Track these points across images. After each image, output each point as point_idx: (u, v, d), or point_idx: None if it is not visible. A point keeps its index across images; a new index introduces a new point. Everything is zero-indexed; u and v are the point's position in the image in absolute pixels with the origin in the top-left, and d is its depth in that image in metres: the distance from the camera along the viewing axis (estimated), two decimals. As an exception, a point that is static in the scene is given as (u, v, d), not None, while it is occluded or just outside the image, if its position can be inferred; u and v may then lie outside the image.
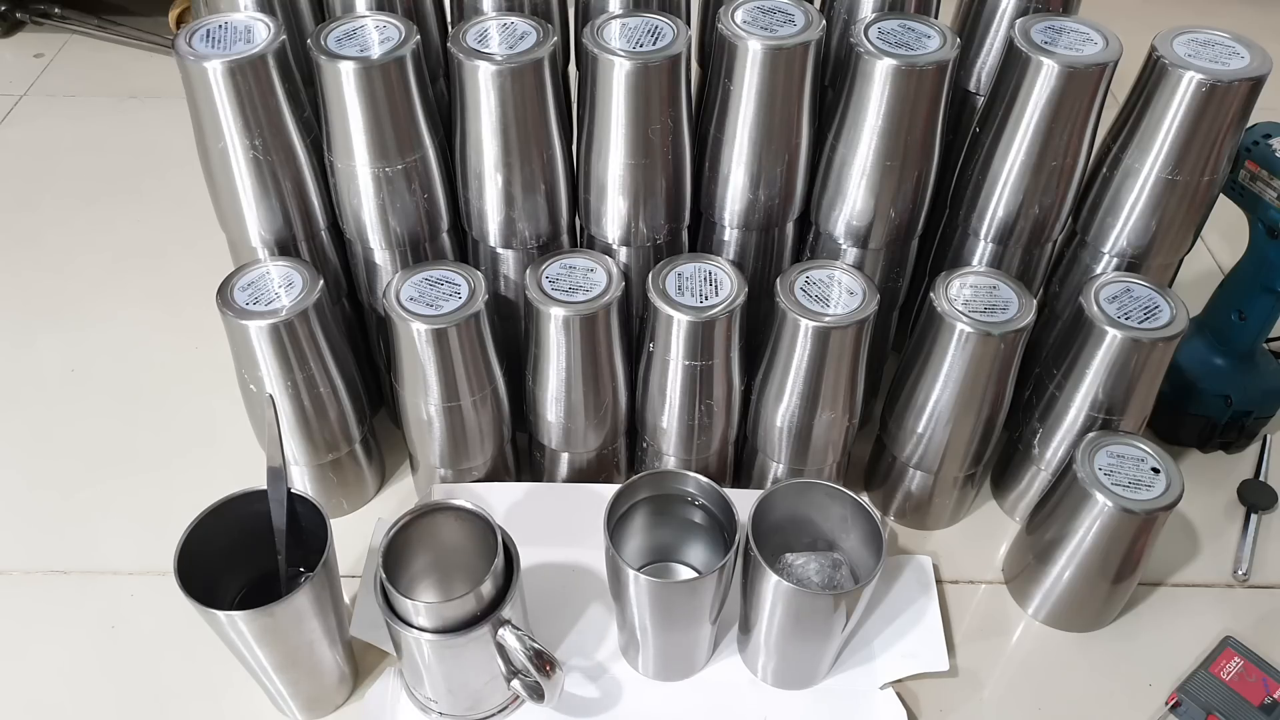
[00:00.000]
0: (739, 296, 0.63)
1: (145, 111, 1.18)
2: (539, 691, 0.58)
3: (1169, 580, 0.74)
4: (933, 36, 0.63)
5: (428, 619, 0.55)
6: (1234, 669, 0.66)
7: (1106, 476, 0.63)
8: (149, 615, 0.69)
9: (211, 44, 0.60)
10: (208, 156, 0.64)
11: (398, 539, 0.58)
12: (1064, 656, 0.69)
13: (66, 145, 1.13)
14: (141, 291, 0.95)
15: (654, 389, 0.68)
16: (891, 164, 0.64)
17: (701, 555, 0.67)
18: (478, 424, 0.69)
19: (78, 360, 0.88)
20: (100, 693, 0.66)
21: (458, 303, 0.63)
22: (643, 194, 0.65)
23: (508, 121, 0.61)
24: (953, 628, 0.70)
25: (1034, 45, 0.62)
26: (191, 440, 0.81)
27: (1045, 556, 0.67)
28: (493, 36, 0.62)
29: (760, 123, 0.63)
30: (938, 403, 0.67)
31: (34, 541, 0.74)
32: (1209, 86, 0.60)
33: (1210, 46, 0.63)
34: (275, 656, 0.58)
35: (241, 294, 0.64)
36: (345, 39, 0.61)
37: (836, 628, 0.60)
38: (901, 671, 0.65)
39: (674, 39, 0.61)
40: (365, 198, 0.65)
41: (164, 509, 0.70)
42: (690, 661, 0.65)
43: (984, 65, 0.74)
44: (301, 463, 0.72)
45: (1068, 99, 0.62)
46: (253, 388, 0.66)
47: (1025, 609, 0.71)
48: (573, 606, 0.68)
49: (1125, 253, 0.69)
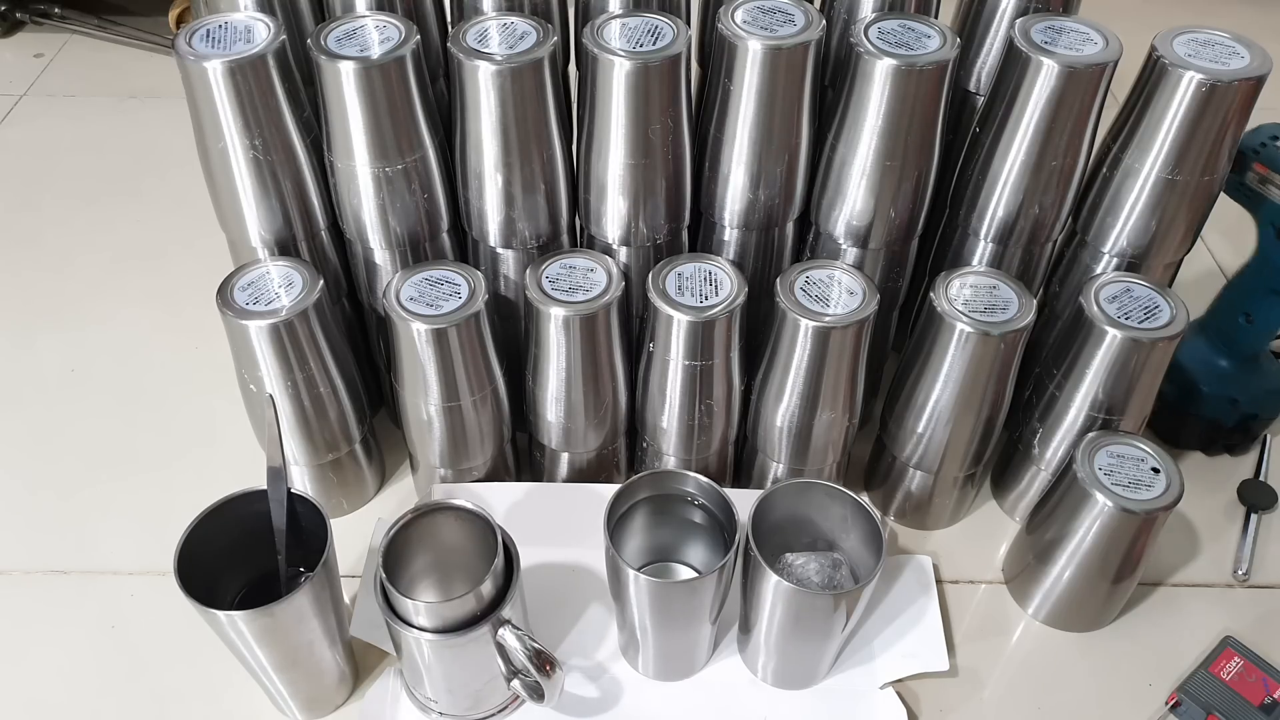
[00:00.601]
0: (739, 296, 0.63)
1: (145, 111, 1.18)
2: (539, 691, 0.58)
3: (1169, 580, 0.74)
4: (933, 36, 0.63)
5: (428, 619, 0.55)
6: (1234, 669, 0.66)
7: (1106, 476, 0.63)
8: (149, 615, 0.69)
9: (211, 44, 0.60)
10: (208, 156, 0.64)
11: (398, 539, 0.58)
12: (1064, 656, 0.69)
13: (66, 145, 1.13)
14: (142, 291, 0.95)
15: (654, 389, 0.68)
16: (891, 164, 0.64)
17: (701, 555, 0.67)
18: (478, 424, 0.69)
19: (78, 360, 0.88)
20: (100, 693, 0.66)
21: (458, 303, 0.63)
22: (643, 194, 0.65)
23: (508, 121, 0.61)
24: (953, 628, 0.70)
25: (1034, 45, 0.62)
26: (191, 440, 0.81)
27: (1045, 556, 0.67)
28: (493, 36, 0.62)
29: (760, 123, 0.63)
30: (938, 403, 0.67)
31: (34, 541, 0.74)
32: (1209, 86, 0.60)
33: (1210, 46, 0.63)
34: (275, 656, 0.58)
35: (241, 294, 0.64)
36: (345, 39, 0.61)
37: (836, 628, 0.60)
38: (901, 671, 0.65)
39: (674, 39, 0.61)
40: (365, 198, 0.65)
41: (164, 509, 0.70)
42: (690, 661, 0.65)
43: (984, 65, 0.74)
44: (301, 463, 0.72)
45: (1068, 99, 0.62)
46: (253, 388, 0.66)
47: (1025, 609, 0.71)
48: (573, 606, 0.68)
49: (1125, 252, 0.69)
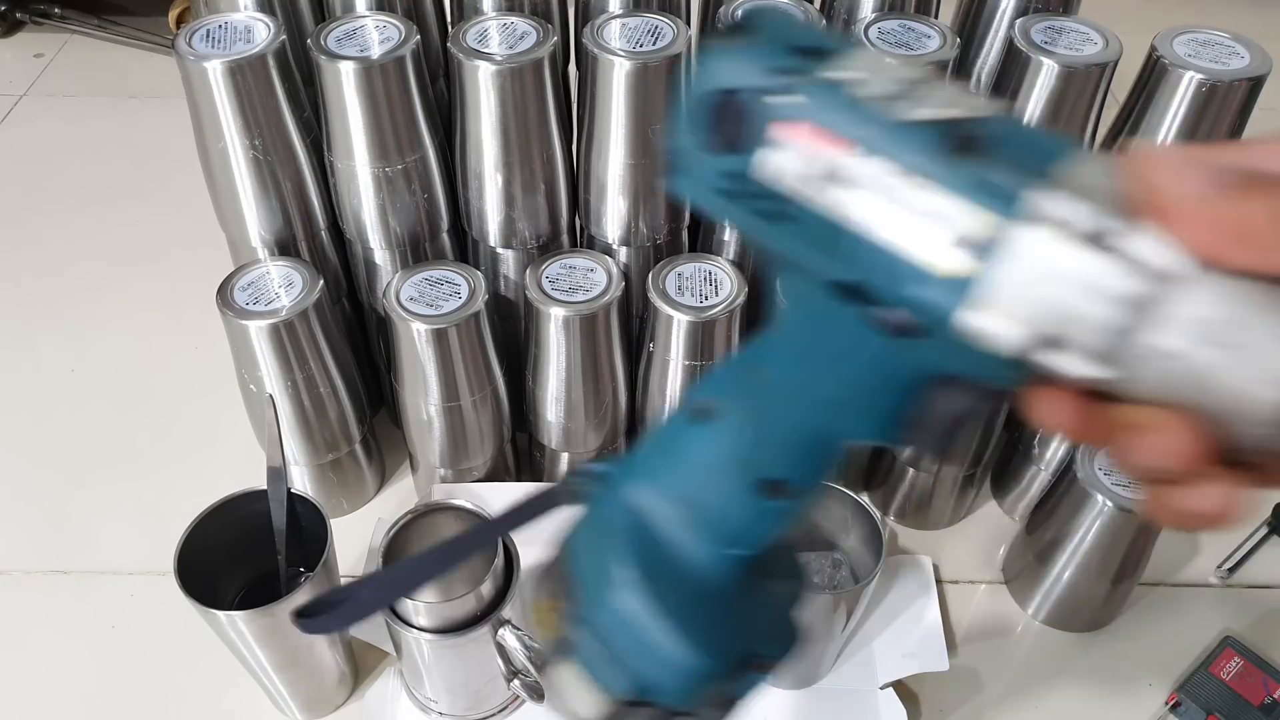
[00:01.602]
0: (739, 296, 0.63)
1: (145, 112, 1.18)
2: (539, 692, 0.58)
3: (1169, 580, 0.74)
4: (932, 36, 0.63)
5: (428, 619, 0.55)
6: (1234, 669, 0.66)
7: (1106, 476, 0.63)
8: (149, 615, 0.69)
9: (211, 44, 0.60)
10: (208, 156, 0.64)
11: (398, 539, 0.58)
12: (1064, 656, 0.69)
13: (66, 145, 1.13)
14: (141, 291, 0.95)
15: (654, 389, 0.68)
16: (891, 164, 0.64)
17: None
18: (478, 424, 0.69)
19: (78, 360, 0.88)
20: (100, 693, 0.66)
21: (457, 303, 0.63)
22: (643, 194, 0.65)
23: (508, 121, 0.61)
24: (953, 628, 0.70)
25: (1034, 45, 0.62)
26: (191, 440, 0.81)
27: (1045, 556, 0.67)
28: (493, 36, 0.62)
29: (760, 123, 0.63)
30: (938, 403, 0.67)
31: (34, 542, 0.74)
32: (1209, 86, 0.60)
33: (1210, 46, 0.63)
34: (275, 656, 0.58)
35: (241, 294, 0.64)
36: (345, 39, 0.61)
37: (836, 628, 0.60)
38: (901, 671, 0.65)
39: (674, 39, 0.61)
40: (365, 198, 0.65)
41: (164, 509, 0.70)
42: (690, 661, 0.65)
43: (984, 65, 0.73)
44: (301, 463, 0.72)
45: (1067, 99, 0.62)
46: (253, 388, 0.66)
47: (1025, 609, 0.71)
48: (573, 606, 0.68)
49: (1125, 253, 0.69)
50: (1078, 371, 0.24)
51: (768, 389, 0.32)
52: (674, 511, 0.33)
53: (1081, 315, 0.23)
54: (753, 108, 0.27)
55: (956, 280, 0.25)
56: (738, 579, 0.34)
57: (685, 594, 0.33)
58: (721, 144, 0.28)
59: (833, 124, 0.26)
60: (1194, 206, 0.23)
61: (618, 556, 0.33)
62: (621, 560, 0.33)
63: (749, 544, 0.34)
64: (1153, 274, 0.23)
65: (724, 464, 0.33)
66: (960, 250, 0.24)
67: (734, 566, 0.34)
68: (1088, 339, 0.24)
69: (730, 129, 0.28)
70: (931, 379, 0.28)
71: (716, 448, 0.33)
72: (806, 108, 0.27)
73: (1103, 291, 0.23)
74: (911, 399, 0.29)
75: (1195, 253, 0.23)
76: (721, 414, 0.33)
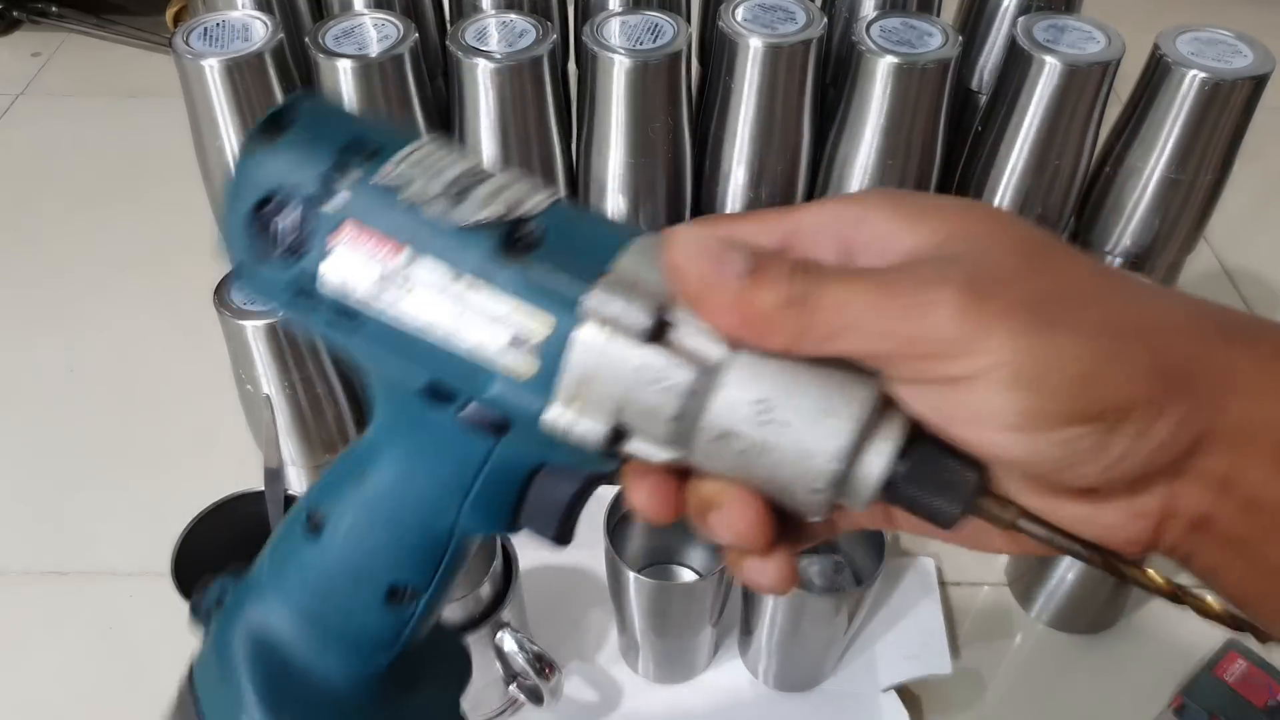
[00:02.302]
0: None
1: (143, 110, 1.18)
2: (538, 695, 0.58)
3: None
4: (935, 34, 0.62)
5: (426, 621, 0.54)
6: (1238, 671, 0.65)
7: (1110, 477, 0.63)
8: (147, 616, 0.69)
9: (209, 42, 0.60)
10: (205, 155, 0.63)
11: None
12: (1067, 659, 0.68)
13: (64, 144, 1.13)
14: (139, 291, 0.94)
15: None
16: (893, 162, 0.64)
17: (703, 558, 0.67)
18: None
19: (76, 360, 0.88)
20: (98, 694, 0.65)
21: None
22: (643, 192, 0.65)
23: (507, 120, 0.61)
24: (955, 630, 0.69)
25: (1036, 43, 0.62)
26: (189, 441, 0.81)
27: (1048, 558, 0.67)
28: (492, 34, 0.62)
29: (761, 121, 0.63)
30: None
31: (32, 542, 0.74)
32: (1212, 85, 0.60)
33: (1213, 45, 0.62)
34: (272, 659, 0.57)
35: (238, 294, 0.64)
36: (343, 37, 0.61)
37: (838, 630, 0.60)
38: (904, 674, 0.65)
39: (674, 37, 0.61)
40: (363, 197, 0.65)
41: (162, 510, 0.69)
42: (691, 664, 0.65)
43: (986, 63, 0.73)
44: (299, 463, 0.71)
45: (1070, 97, 0.62)
46: (249, 388, 0.66)
47: (1028, 611, 0.71)
48: (572, 609, 0.68)
49: (1128, 252, 0.68)
50: (656, 457, 0.25)
51: (371, 495, 0.30)
52: (301, 630, 0.31)
53: (646, 406, 0.25)
54: (305, 216, 0.27)
55: (530, 380, 0.25)
56: (381, 689, 0.32)
57: (325, 717, 0.32)
58: (279, 253, 0.27)
59: (389, 230, 0.26)
60: (717, 295, 0.24)
61: (246, 688, 0.31)
62: (251, 692, 0.31)
63: (385, 652, 0.32)
64: (697, 362, 0.24)
65: (341, 575, 0.31)
66: (523, 352, 0.25)
67: (373, 678, 0.32)
68: (656, 428, 0.25)
69: (285, 236, 0.27)
70: (533, 469, 0.28)
71: (330, 560, 0.31)
72: (359, 214, 0.26)
73: (658, 383, 0.24)
74: (518, 490, 0.29)
75: (728, 338, 0.24)
76: (332, 524, 0.31)
